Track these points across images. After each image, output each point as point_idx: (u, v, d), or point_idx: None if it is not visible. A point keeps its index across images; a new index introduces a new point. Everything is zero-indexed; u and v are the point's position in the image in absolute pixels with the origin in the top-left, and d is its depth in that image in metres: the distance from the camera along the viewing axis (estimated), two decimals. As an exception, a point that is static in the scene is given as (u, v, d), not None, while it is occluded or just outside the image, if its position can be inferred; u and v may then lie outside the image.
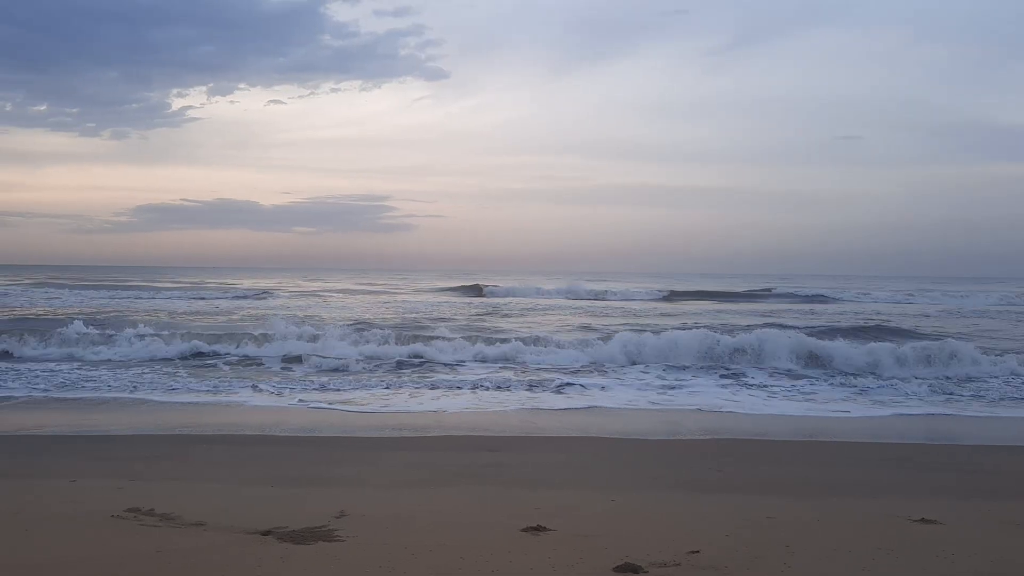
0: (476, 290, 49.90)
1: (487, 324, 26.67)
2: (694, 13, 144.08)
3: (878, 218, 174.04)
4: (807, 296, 49.44)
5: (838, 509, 6.07)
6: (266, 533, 4.97)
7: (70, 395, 12.42)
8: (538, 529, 5.13)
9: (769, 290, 54.76)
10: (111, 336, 17.93)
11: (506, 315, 32.03)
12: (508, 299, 43.31)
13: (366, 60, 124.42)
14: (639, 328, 22.01)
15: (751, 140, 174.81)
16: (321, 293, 48.28)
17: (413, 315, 30.42)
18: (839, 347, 17.38)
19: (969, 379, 15.06)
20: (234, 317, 28.21)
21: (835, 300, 47.16)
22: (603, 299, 45.14)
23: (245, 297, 41.49)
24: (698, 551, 4.71)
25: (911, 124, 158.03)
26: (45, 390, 12.69)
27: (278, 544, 4.77)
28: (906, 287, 68.81)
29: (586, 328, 24.94)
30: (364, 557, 4.55)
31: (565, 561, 4.53)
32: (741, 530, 5.30)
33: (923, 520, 5.58)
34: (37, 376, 13.88)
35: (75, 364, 15.57)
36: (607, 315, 32.70)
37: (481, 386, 13.78)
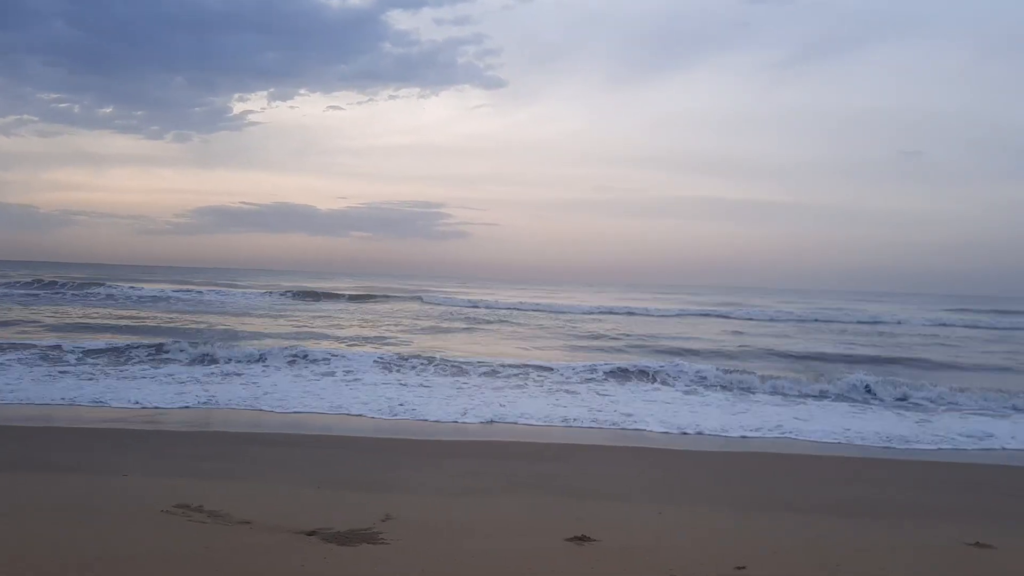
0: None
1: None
2: (755, 27, 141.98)
3: (943, 237, 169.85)
4: None
5: (889, 530, 5.93)
6: (311, 533, 5.01)
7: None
8: (583, 539, 5.10)
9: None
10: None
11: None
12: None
13: (425, 68, 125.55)
14: None
15: (811, 154, 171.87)
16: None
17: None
18: None
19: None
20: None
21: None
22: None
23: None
24: (744, 567, 4.64)
25: (978, 141, 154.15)
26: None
27: (322, 544, 4.81)
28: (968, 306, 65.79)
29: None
30: (407, 561, 4.56)
31: (609, 573, 4.49)
32: (788, 548, 5.21)
33: (977, 544, 5.43)
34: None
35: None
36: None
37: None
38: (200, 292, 43.14)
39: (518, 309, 41.34)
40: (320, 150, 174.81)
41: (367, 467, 7.82)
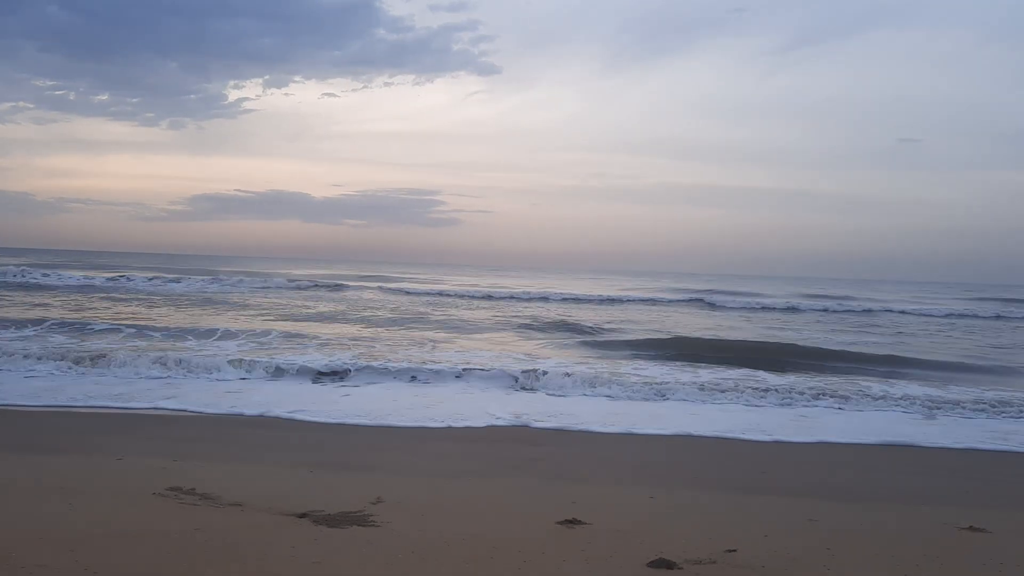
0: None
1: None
2: (750, 12, 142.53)
3: (939, 223, 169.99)
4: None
5: (883, 514, 5.94)
6: (302, 516, 5.01)
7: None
8: (573, 522, 5.10)
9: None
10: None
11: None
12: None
13: (420, 54, 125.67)
14: None
15: (808, 141, 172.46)
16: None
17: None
18: None
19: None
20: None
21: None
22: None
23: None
24: (735, 550, 4.64)
25: (975, 128, 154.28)
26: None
27: (313, 527, 4.80)
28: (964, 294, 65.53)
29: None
30: (397, 543, 4.55)
31: (599, 555, 4.49)
32: (781, 531, 5.21)
33: (971, 528, 5.43)
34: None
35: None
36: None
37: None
38: (149, 280, 38.44)
39: (491, 298, 39.55)
40: (315, 137, 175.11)
41: (358, 450, 7.82)
